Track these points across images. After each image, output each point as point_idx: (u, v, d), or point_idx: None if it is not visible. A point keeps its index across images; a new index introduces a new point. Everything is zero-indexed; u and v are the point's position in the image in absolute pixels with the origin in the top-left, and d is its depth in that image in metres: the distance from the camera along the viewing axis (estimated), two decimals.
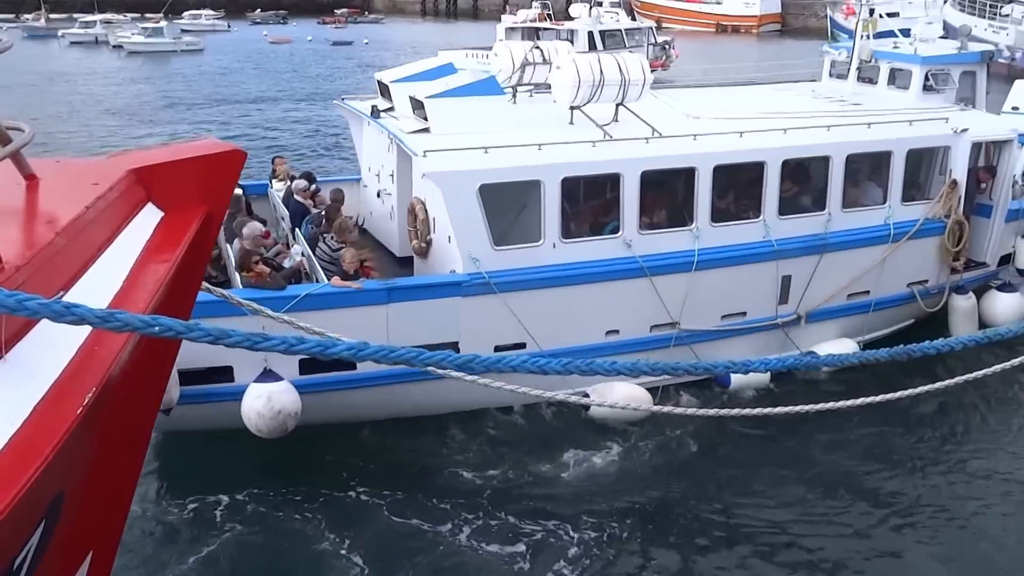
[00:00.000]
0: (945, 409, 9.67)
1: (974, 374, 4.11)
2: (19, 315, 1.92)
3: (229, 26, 63.95)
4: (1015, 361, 4.06)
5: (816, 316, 9.94)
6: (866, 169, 10.52)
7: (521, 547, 7.27)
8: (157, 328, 2.09)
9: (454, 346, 8.16)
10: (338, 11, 78.07)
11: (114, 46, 50.61)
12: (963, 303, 10.91)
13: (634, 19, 44.05)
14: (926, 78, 11.67)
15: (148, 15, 60.47)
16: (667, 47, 36.90)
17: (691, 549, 7.43)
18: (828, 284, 9.83)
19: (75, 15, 60.28)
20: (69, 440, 2.00)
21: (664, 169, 9.17)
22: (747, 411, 4.51)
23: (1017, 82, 22.30)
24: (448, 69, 10.11)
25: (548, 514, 7.72)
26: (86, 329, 2.18)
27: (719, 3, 70.12)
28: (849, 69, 12.61)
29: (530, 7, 35.32)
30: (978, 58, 12.23)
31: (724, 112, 10.06)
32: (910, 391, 4.12)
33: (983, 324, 10.90)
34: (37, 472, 1.85)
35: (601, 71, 8.93)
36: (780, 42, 62.85)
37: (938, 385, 4.18)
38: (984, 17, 43.57)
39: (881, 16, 15.05)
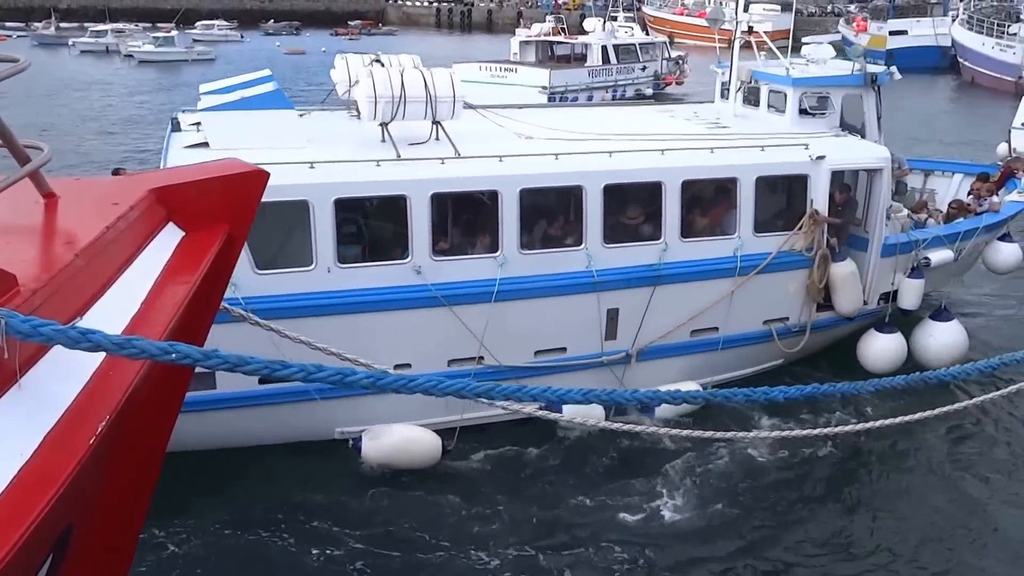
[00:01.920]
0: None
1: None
2: (33, 341, 1.91)
3: (242, 36, 64.24)
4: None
5: (651, 354, 9.15)
6: (713, 197, 9.82)
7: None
8: (174, 355, 2.07)
9: (212, 380, 7.56)
10: (352, 23, 78.54)
11: (125, 55, 50.77)
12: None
13: (647, 34, 44.08)
14: (801, 101, 10.88)
15: (160, 25, 60.83)
16: (680, 62, 36.92)
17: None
18: (664, 319, 9.07)
19: (86, 24, 60.67)
20: (81, 471, 1.95)
21: (459, 192, 8.58)
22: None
23: None
24: (266, 81, 9.47)
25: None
26: (103, 354, 2.13)
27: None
28: (730, 90, 11.90)
29: (544, 21, 35.33)
30: (860, 80, 11.09)
31: (564, 133, 9.33)
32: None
33: (860, 367, 10.13)
34: (48, 505, 1.81)
35: (403, 87, 8.43)
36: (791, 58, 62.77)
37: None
38: (992, 35, 43.86)
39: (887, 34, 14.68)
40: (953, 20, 49.98)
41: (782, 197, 10.30)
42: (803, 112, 10.89)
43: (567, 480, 8.33)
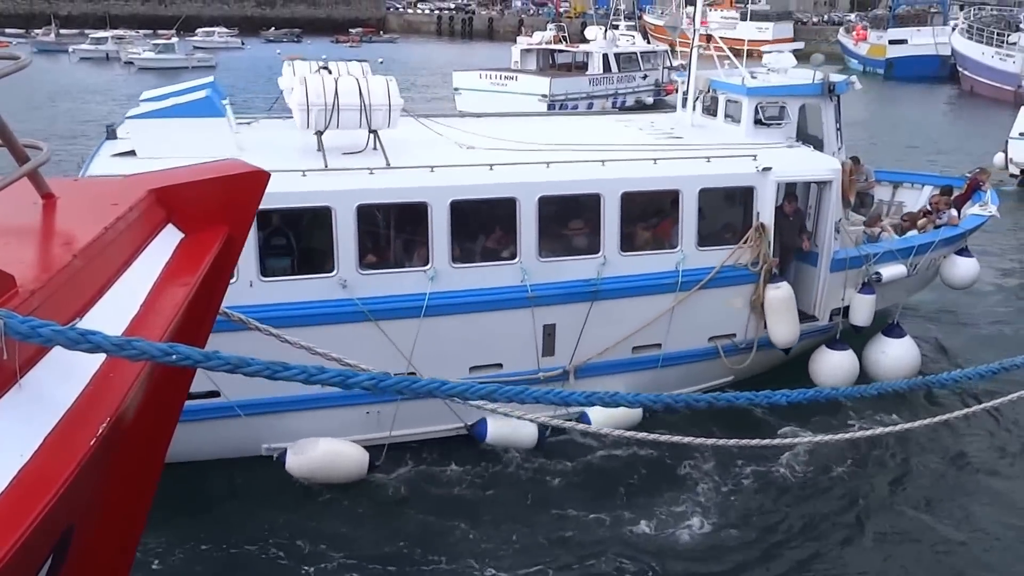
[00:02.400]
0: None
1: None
2: (32, 342, 1.90)
3: (243, 43, 64.38)
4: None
5: (590, 371, 8.93)
6: (655, 210, 9.58)
7: None
8: (175, 356, 2.06)
9: None
10: (353, 30, 78.75)
11: (125, 62, 50.83)
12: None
13: (649, 43, 44.17)
14: (757, 111, 10.58)
15: (161, 32, 60.94)
16: (682, 70, 36.82)
17: None
18: (603, 335, 8.84)
19: (86, 31, 60.80)
20: (81, 472, 1.95)
21: (387, 203, 8.37)
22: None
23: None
24: (207, 89, 9.21)
25: None
26: (102, 355, 2.12)
27: (732, 27, 70.60)
28: (686, 100, 11.67)
29: (546, 29, 35.38)
30: (818, 90, 10.77)
31: (508, 143, 9.02)
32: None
33: (813, 383, 9.83)
34: (48, 506, 1.80)
35: (336, 95, 8.21)
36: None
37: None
38: (992, 44, 44.01)
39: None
40: (953, 29, 50.14)
41: (728, 210, 9.97)
42: (759, 122, 10.60)
43: (491, 495, 8.22)
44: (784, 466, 8.71)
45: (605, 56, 32.30)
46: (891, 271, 10.27)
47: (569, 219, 9.17)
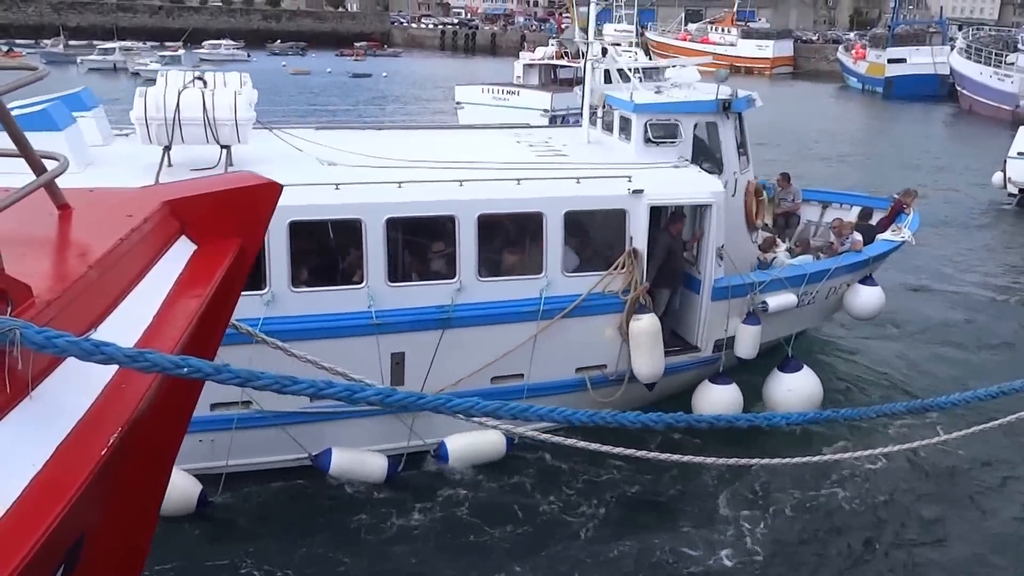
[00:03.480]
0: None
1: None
2: (47, 352, 1.91)
3: (249, 56, 65.03)
4: None
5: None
6: (518, 233, 9.05)
7: None
8: (186, 369, 2.08)
9: None
10: (358, 44, 79.58)
11: (132, 73, 51.40)
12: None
13: (650, 59, 44.53)
14: (647, 129, 9.91)
15: (168, 44, 61.60)
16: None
17: None
18: (458, 365, 8.31)
19: (94, 42, 61.46)
20: (93, 482, 1.96)
21: None
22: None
23: (1022, 128, 22.36)
24: (74, 100, 8.71)
25: None
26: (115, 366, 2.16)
27: (733, 45, 71.34)
28: (583, 115, 11.07)
29: (547, 45, 35.74)
30: (713, 107, 10.00)
31: (373, 159, 8.51)
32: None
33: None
34: (60, 515, 1.81)
35: (178, 108, 7.81)
36: (791, 83, 63.59)
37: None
38: (990, 64, 44.20)
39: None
40: (952, 49, 50.55)
41: (599, 234, 9.37)
42: (649, 140, 9.95)
43: (334, 527, 7.81)
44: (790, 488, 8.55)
45: (607, 72, 32.58)
46: (779, 300, 9.59)
47: (423, 242, 8.70)
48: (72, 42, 62.57)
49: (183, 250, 3.00)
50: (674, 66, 11.53)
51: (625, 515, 8.15)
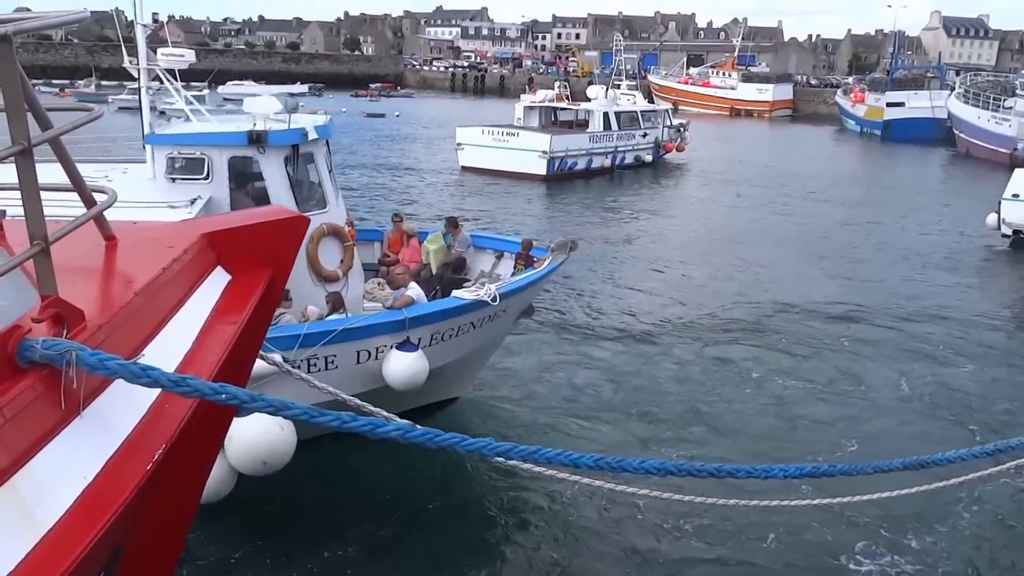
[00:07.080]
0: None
1: None
2: (99, 374, 2.04)
3: None
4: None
5: None
6: None
7: None
8: (224, 396, 2.17)
9: None
10: (372, 86, 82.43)
11: (160, 112, 53.52)
12: None
13: (652, 102, 45.86)
14: (173, 163, 9.11)
15: (194, 84, 63.98)
16: (682, 129, 38.28)
17: None
18: None
19: (124, 83, 64.19)
20: (136, 496, 2.08)
21: None
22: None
23: (1017, 171, 22.77)
24: None
25: None
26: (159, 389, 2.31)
27: (734, 88, 73.08)
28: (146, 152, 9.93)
29: (554, 87, 37.07)
30: (241, 140, 8.91)
31: None
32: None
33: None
34: (107, 525, 1.92)
35: None
36: (790, 126, 64.70)
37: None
38: (988, 108, 44.53)
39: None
40: (950, 93, 51.22)
41: None
42: (175, 176, 9.16)
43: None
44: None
45: (605, 114, 33.52)
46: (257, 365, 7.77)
47: None
48: (104, 82, 65.40)
49: (219, 280, 3.13)
50: (252, 95, 10.72)
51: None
